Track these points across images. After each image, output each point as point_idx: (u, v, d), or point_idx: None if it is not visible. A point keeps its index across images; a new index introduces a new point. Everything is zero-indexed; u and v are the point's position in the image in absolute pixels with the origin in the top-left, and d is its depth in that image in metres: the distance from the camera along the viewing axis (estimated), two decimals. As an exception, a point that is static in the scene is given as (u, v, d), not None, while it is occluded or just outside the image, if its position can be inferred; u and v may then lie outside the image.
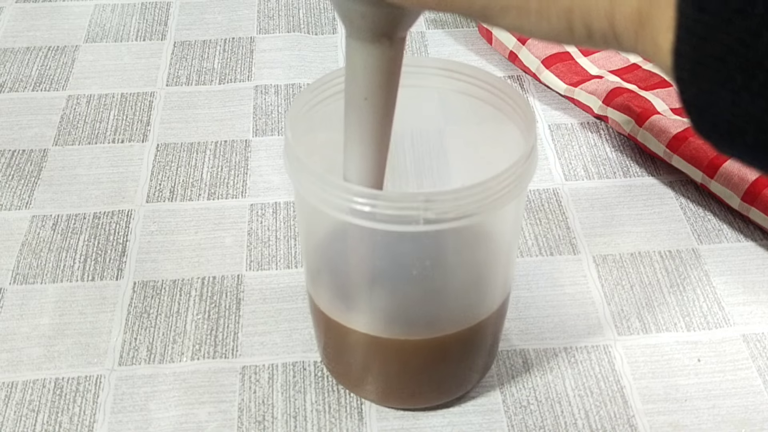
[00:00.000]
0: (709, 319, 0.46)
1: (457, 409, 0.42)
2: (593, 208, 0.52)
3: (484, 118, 0.40)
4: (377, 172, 0.36)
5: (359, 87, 0.34)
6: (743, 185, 0.50)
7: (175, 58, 0.64)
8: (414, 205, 0.33)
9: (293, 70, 0.63)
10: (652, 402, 0.42)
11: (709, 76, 0.22)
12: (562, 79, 0.59)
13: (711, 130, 0.23)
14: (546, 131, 0.58)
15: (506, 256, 0.38)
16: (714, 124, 0.23)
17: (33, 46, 0.66)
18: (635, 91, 0.57)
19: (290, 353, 0.44)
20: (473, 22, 0.67)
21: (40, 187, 0.54)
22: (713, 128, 0.23)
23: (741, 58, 0.21)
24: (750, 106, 0.22)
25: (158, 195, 0.53)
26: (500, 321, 0.41)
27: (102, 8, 0.70)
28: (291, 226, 0.51)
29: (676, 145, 0.53)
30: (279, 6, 0.70)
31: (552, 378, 0.43)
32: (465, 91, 0.40)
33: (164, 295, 0.47)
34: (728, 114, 0.22)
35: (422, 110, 0.41)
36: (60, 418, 0.42)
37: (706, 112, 0.23)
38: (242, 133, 0.58)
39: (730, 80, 0.22)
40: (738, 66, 0.21)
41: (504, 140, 0.39)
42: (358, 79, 0.34)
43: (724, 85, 0.22)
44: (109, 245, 0.50)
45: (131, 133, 0.58)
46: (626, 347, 0.45)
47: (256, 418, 0.42)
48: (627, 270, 0.49)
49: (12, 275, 0.48)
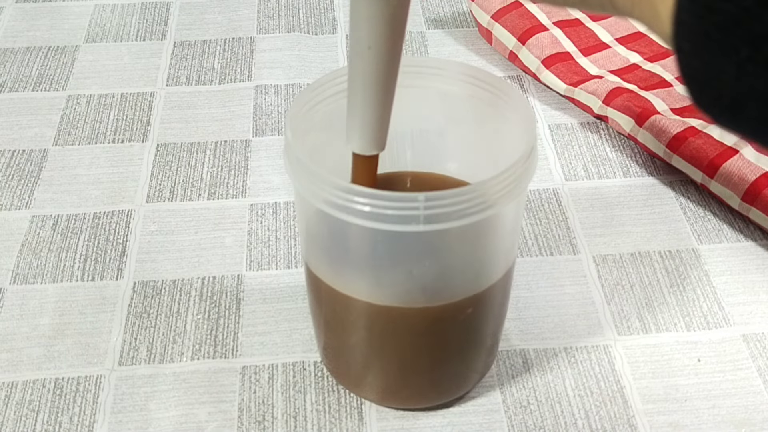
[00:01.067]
0: (709, 319, 0.46)
1: (457, 409, 0.42)
2: (593, 208, 0.52)
3: (484, 118, 0.40)
4: (380, 125, 0.36)
5: (362, 36, 0.33)
6: (743, 185, 0.50)
7: (175, 58, 0.64)
8: (414, 205, 0.33)
9: (293, 70, 0.63)
10: (652, 402, 0.42)
11: (712, 47, 0.21)
12: (562, 79, 0.59)
13: (711, 104, 0.23)
14: (546, 131, 0.58)
15: (509, 235, 0.38)
16: (715, 98, 0.22)
17: (33, 46, 0.66)
18: (635, 91, 0.57)
19: (290, 353, 0.44)
20: (473, 23, 0.67)
21: (40, 187, 0.54)
22: (714, 101, 0.22)
23: (746, 30, 0.20)
24: (754, 79, 0.21)
25: (158, 195, 0.53)
26: (503, 296, 0.41)
27: (102, 8, 0.70)
28: (291, 226, 0.51)
29: (676, 145, 0.53)
30: (279, 6, 0.70)
31: (552, 378, 0.43)
32: (465, 91, 0.40)
33: (164, 295, 0.47)
34: (731, 87, 0.21)
35: (422, 110, 0.41)
36: (60, 418, 0.42)
37: (707, 85, 0.22)
38: (242, 133, 0.58)
39: (734, 52, 0.21)
40: (743, 37, 0.21)
41: (504, 140, 0.39)
42: (361, 28, 0.33)
43: (728, 57, 0.21)
44: (109, 245, 0.50)
45: (131, 133, 0.58)
46: (626, 347, 0.45)
47: (256, 418, 0.42)
48: (627, 270, 0.49)
49: (12, 275, 0.48)
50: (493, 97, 0.39)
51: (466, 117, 0.41)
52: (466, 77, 0.40)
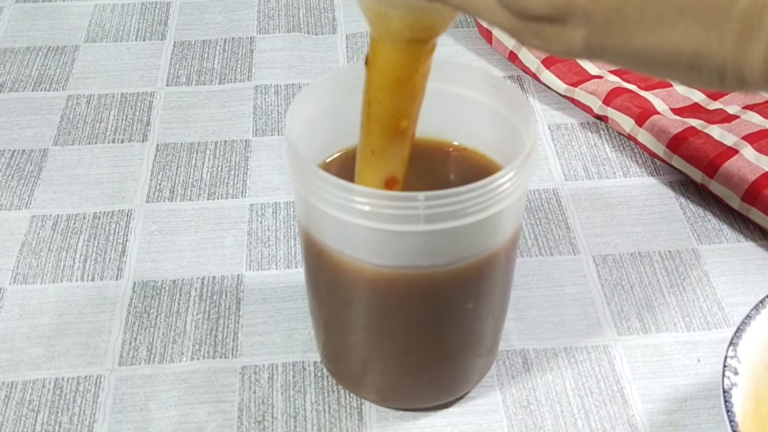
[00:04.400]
0: (709, 319, 0.46)
1: (457, 409, 0.42)
2: (593, 208, 0.52)
3: (485, 118, 0.40)
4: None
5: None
6: (743, 185, 0.50)
7: (175, 58, 0.64)
8: (414, 205, 0.33)
9: (293, 70, 0.63)
10: (652, 402, 0.42)
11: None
12: (562, 79, 0.59)
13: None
14: (546, 131, 0.58)
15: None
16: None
17: (33, 46, 0.66)
18: (635, 91, 0.57)
19: (290, 353, 0.44)
20: (473, 23, 0.67)
21: (40, 187, 0.54)
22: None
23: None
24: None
25: (158, 195, 0.53)
26: (505, 285, 0.40)
27: (102, 8, 0.70)
28: (291, 226, 0.51)
29: (676, 145, 0.53)
30: (279, 6, 0.70)
31: (552, 378, 0.43)
32: (465, 92, 0.40)
33: (164, 295, 0.47)
34: None
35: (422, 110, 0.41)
36: (60, 418, 0.42)
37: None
38: (242, 133, 0.58)
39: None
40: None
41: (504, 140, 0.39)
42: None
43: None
44: (109, 245, 0.50)
45: (131, 133, 0.58)
46: (626, 347, 0.45)
47: (256, 418, 0.42)
48: (627, 270, 0.49)
49: (12, 275, 0.48)
50: (493, 97, 0.39)
51: (467, 117, 0.41)
52: (466, 77, 0.40)
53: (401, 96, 0.35)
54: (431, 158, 0.42)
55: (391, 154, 0.37)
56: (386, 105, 0.35)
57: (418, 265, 0.36)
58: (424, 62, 0.34)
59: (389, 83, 0.34)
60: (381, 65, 0.34)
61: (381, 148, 0.36)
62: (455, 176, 0.43)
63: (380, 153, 0.36)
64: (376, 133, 0.36)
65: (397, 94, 0.35)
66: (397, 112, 0.35)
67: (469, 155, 0.42)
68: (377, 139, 0.36)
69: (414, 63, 0.34)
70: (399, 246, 0.35)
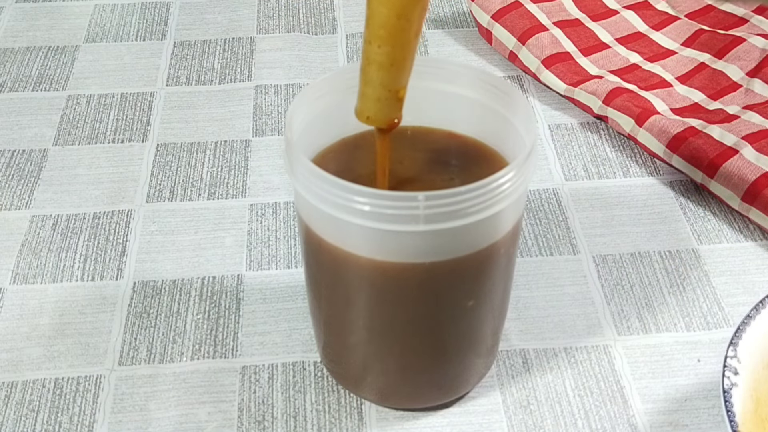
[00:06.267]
0: (709, 319, 0.46)
1: (457, 409, 0.42)
2: (593, 208, 0.52)
3: (485, 118, 0.40)
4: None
5: None
6: (743, 185, 0.50)
7: (175, 58, 0.64)
8: (414, 205, 0.33)
9: (293, 70, 0.63)
10: (652, 402, 0.42)
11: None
12: (562, 79, 0.59)
13: None
14: (546, 131, 0.58)
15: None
16: None
17: (33, 46, 0.66)
18: (635, 91, 0.57)
19: (290, 353, 0.44)
20: (473, 23, 0.67)
21: (40, 187, 0.54)
22: None
23: None
24: None
25: (158, 195, 0.53)
26: (505, 278, 0.40)
27: (102, 8, 0.70)
28: (291, 226, 0.51)
29: (676, 145, 0.53)
30: (279, 6, 0.70)
31: (552, 378, 0.43)
32: (465, 92, 0.40)
33: (164, 295, 0.47)
34: None
35: (422, 110, 0.41)
36: (60, 418, 0.42)
37: None
38: (242, 133, 0.58)
39: None
40: None
41: (504, 140, 0.39)
42: None
43: None
44: (109, 245, 0.50)
45: (131, 133, 0.58)
46: (626, 347, 0.45)
47: (256, 418, 0.42)
48: (627, 270, 0.49)
49: (12, 275, 0.48)
50: (493, 97, 0.39)
51: (467, 117, 0.41)
52: (466, 77, 0.40)
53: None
54: (433, 144, 0.42)
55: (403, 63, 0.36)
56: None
57: (418, 261, 0.36)
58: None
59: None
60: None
61: (394, 58, 0.36)
62: (456, 161, 0.42)
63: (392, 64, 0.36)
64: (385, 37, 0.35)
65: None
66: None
67: (470, 141, 0.42)
68: (391, 46, 0.36)
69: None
70: (399, 245, 0.35)
